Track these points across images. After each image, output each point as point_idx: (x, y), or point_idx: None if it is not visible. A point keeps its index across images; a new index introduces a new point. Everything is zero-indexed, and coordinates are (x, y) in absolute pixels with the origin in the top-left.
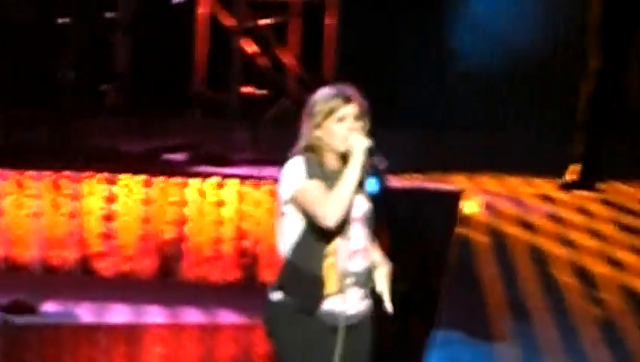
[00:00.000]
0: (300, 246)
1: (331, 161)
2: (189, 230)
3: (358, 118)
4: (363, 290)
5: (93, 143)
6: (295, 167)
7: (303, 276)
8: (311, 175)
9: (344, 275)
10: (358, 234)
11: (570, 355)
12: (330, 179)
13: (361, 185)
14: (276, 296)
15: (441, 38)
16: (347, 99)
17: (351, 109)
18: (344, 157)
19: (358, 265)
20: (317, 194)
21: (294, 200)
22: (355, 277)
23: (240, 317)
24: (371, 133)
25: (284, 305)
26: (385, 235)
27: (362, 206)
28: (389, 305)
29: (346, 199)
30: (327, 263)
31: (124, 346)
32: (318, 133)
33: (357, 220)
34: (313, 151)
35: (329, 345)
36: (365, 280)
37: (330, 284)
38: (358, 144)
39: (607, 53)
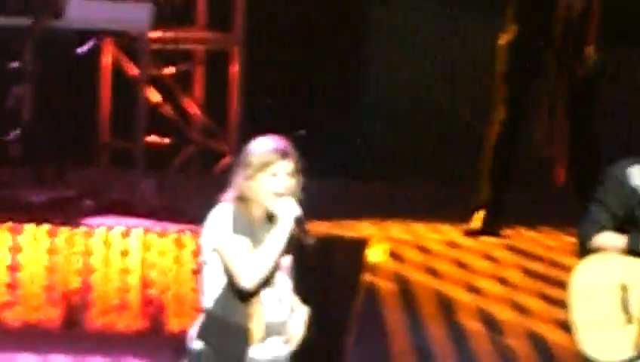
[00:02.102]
0: (223, 297)
1: (260, 213)
2: (94, 279)
3: (291, 174)
4: (284, 337)
5: None
6: (222, 216)
7: (227, 327)
8: (237, 228)
9: (268, 324)
10: (283, 284)
11: None
12: (257, 231)
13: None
14: (197, 345)
15: (350, 87)
16: (283, 155)
17: (286, 165)
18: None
19: (282, 314)
20: (239, 253)
21: (217, 252)
22: (279, 325)
23: None
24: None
25: (206, 355)
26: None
27: (287, 257)
28: (293, 346)
29: (268, 264)
30: (251, 313)
31: None
32: (249, 183)
33: (283, 269)
34: (243, 201)
35: None
36: (287, 327)
37: (255, 334)
38: (288, 211)
39: (509, 103)
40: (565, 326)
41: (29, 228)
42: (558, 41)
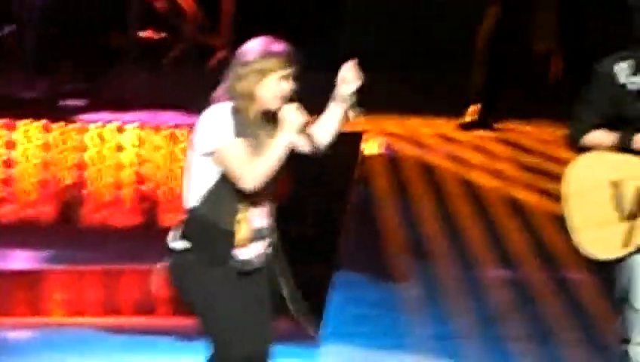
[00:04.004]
0: (211, 199)
1: (257, 114)
2: (88, 175)
3: (294, 78)
4: (269, 239)
5: None
6: (220, 118)
7: (213, 229)
8: (237, 131)
9: (255, 230)
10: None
11: (470, 295)
12: (255, 131)
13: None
14: (180, 245)
15: None
16: (290, 59)
17: (292, 70)
18: (273, 114)
19: (268, 220)
20: (241, 156)
21: (214, 154)
22: (265, 230)
23: (141, 261)
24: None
25: (190, 255)
26: (288, 179)
27: None
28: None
29: (270, 168)
30: (238, 217)
31: (25, 292)
32: (252, 84)
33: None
34: (243, 100)
35: (236, 290)
36: (272, 231)
37: (240, 238)
38: (293, 119)
39: None
40: (560, 219)
41: (24, 123)
42: None
